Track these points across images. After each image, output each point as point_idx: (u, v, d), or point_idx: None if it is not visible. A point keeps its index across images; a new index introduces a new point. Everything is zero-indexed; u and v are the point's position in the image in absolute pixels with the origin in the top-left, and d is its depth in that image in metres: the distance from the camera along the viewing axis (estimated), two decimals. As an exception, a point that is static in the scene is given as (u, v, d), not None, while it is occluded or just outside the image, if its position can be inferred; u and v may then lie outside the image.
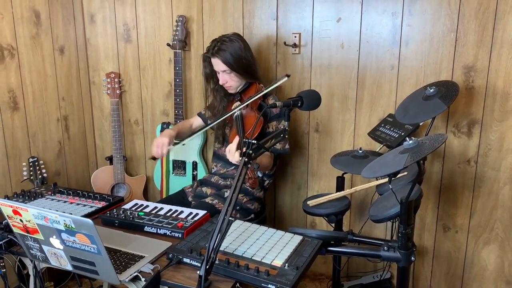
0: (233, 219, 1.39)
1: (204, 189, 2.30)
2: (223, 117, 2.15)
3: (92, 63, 3.01)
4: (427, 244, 2.48)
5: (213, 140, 2.48)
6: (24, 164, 2.53)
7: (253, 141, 1.44)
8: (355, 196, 2.59)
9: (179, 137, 2.26)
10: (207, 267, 1.27)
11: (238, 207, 2.24)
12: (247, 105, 2.15)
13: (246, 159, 1.41)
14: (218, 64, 2.16)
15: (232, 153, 1.82)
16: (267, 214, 2.44)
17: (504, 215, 2.27)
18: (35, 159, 2.56)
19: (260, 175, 1.90)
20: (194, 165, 2.72)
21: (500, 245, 2.31)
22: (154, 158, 2.20)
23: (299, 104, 1.78)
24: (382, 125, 2.29)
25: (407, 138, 1.41)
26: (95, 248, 1.24)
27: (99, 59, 2.99)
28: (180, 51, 2.64)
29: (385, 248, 1.59)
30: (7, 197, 1.91)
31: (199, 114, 2.47)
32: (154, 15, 2.77)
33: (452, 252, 2.43)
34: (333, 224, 2.18)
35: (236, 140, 1.83)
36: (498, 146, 2.22)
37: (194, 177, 2.74)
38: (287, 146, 2.24)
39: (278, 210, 2.78)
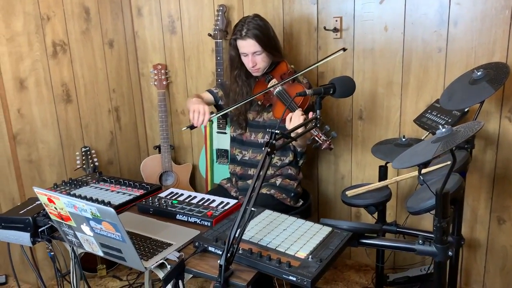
0: (255, 210, 1.38)
1: (250, 181, 2.28)
2: (262, 92, 2.10)
3: (140, 55, 3.11)
4: (479, 237, 2.33)
5: (231, 126, 2.37)
6: (77, 153, 2.68)
7: (277, 131, 1.41)
8: (401, 186, 2.49)
9: None
10: (228, 256, 1.28)
11: (292, 194, 2.22)
12: (287, 81, 2.10)
13: (269, 150, 1.39)
14: (249, 46, 2.09)
15: (298, 115, 1.87)
16: (311, 201, 2.41)
17: None
18: (87, 148, 2.70)
19: (336, 136, 1.86)
20: (237, 154, 2.73)
21: None
22: (192, 127, 2.04)
23: (331, 92, 1.73)
24: (429, 111, 2.17)
25: (440, 126, 1.31)
26: (119, 236, 1.29)
27: (147, 51, 3.08)
28: (221, 40, 2.64)
29: (420, 241, 1.50)
30: (56, 185, 2.03)
31: (210, 91, 2.37)
32: (196, 5, 2.80)
33: (508, 247, 2.27)
34: (375, 215, 2.12)
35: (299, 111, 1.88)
36: (560, 133, 2.02)
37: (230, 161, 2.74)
38: None
39: (322, 200, 2.73)
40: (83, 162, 2.68)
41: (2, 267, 2.66)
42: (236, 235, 1.29)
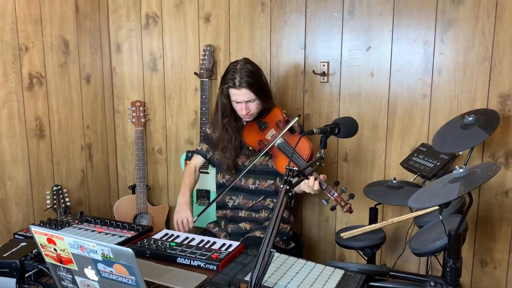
0: (274, 250, 1.33)
1: (242, 225, 2.21)
2: (267, 147, 2.08)
3: (117, 91, 3.02)
4: (463, 280, 2.36)
5: (218, 173, 2.33)
6: (47, 192, 2.50)
7: (294, 169, 1.38)
8: (386, 228, 2.49)
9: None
10: (249, 302, 1.20)
11: (285, 237, 2.18)
12: (283, 132, 2.09)
13: (288, 187, 1.35)
14: (243, 95, 2.05)
15: (313, 185, 1.90)
16: (303, 243, 2.40)
17: (547, 250, 2.17)
18: (59, 187, 2.52)
19: (354, 197, 1.91)
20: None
21: (543, 282, 2.19)
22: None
23: (336, 131, 1.74)
24: (415, 154, 2.23)
25: (456, 166, 1.34)
26: (133, 280, 1.18)
27: (124, 88, 2.99)
28: (207, 79, 2.63)
29: (432, 283, 1.50)
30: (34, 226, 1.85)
31: (197, 152, 2.35)
32: (181, 44, 2.78)
33: (491, 289, 2.31)
34: (366, 258, 2.10)
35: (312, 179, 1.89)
36: (537, 177, 2.14)
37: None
38: None
39: (306, 243, 2.68)
40: (54, 202, 2.49)
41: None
42: (257, 281, 1.22)
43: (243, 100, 2.08)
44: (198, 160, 2.36)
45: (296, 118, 2.09)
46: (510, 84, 2.12)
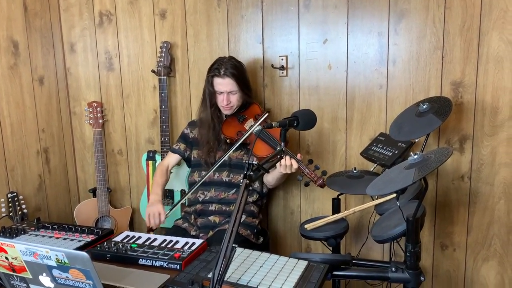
0: (236, 245, 1.32)
1: (211, 218, 2.20)
2: (246, 135, 2.12)
3: (72, 93, 2.93)
4: (425, 264, 2.43)
5: (194, 171, 2.34)
6: (2, 200, 2.40)
7: (254, 162, 1.38)
8: (349, 218, 2.53)
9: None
10: (213, 298, 1.18)
11: (255, 230, 2.20)
12: (259, 122, 2.17)
13: (248, 181, 1.35)
14: (227, 84, 2.13)
15: (290, 164, 1.94)
16: (270, 237, 2.43)
17: (501, 231, 2.25)
18: (14, 194, 2.42)
19: (326, 173, 2.02)
20: (183, 194, 2.62)
21: (499, 261, 2.28)
22: (151, 230, 2.13)
23: (295, 124, 1.75)
24: (374, 144, 2.27)
25: (411, 153, 1.37)
26: (90, 285, 1.14)
27: (80, 88, 2.91)
28: (165, 77, 2.58)
29: (393, 269, 1.53)
30: (-14, 235, 1.78)
31: (174, 150, 2.38)
32: (137, 42, 2.72)
33: (452, 271, 2.39)
34: (331, 248, 2.12)
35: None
36: (490, 161, 2.21)
37: (183, 206, 2.63)
38: None
39: (272, 237, 2.69)
40: (10, 209, 2.39)
41: None
42: (219, 277, 1.21)
43: (226, 91, 2.16)
44: (172, 159, 2.38)
45: (266, 114, 2.20)
46: (461, 72, 2.19)
